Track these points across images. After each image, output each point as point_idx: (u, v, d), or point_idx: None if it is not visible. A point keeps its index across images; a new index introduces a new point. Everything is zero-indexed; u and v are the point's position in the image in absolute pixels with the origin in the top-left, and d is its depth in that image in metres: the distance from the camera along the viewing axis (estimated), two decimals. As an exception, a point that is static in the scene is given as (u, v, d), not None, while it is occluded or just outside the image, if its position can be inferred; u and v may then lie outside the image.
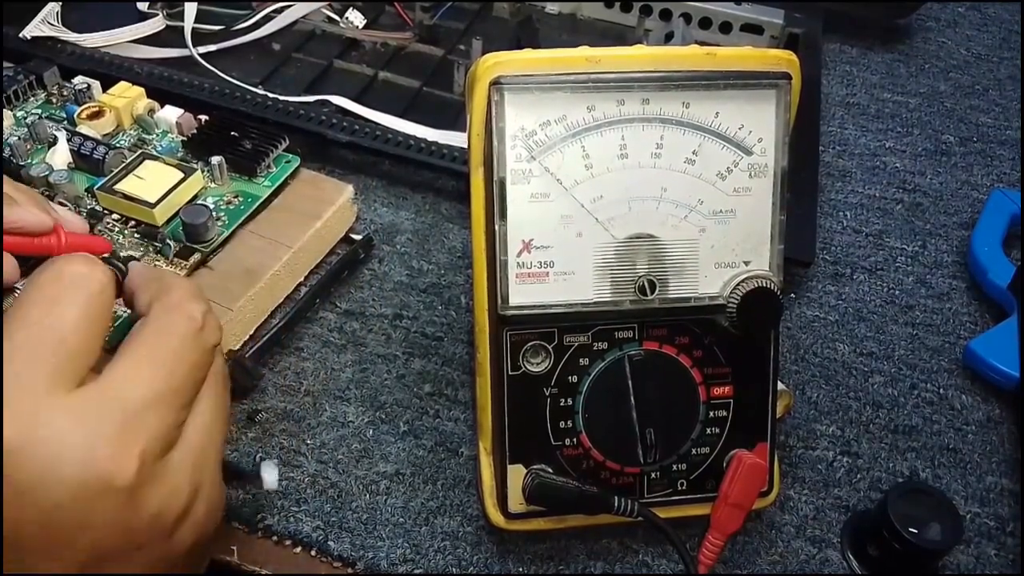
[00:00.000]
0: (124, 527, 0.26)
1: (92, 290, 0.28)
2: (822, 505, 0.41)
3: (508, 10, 0.66)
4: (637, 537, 0.39)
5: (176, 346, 0.28)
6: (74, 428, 0.25)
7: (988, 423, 0.45)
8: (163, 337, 0.29)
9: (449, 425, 0.43)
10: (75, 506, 0.25)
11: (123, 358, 0.28)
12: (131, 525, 0.27)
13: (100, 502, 0.26)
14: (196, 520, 0.29)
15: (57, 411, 0.26)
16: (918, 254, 0.53)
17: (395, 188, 0.54)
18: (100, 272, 0.29)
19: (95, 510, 0.26)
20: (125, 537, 0.27)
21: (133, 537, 0.27)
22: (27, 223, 0.35)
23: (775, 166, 0.35)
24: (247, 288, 0.44)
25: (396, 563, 0.38)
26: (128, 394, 0.27)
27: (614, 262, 0.35)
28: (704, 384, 0.36)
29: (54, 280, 0.28)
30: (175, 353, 0.28)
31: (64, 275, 0.28)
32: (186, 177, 0.46)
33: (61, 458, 0.25)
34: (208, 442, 0.30)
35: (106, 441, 0.26)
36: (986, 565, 0.39)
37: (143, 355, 0.28)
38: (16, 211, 0.35)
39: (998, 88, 0.67)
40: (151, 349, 0.28)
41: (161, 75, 0.56)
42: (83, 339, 0.27)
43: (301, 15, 0.64)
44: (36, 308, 0.27)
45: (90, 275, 0.28)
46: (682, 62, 0.34)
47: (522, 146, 0.34)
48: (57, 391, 0.26)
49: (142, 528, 0.27)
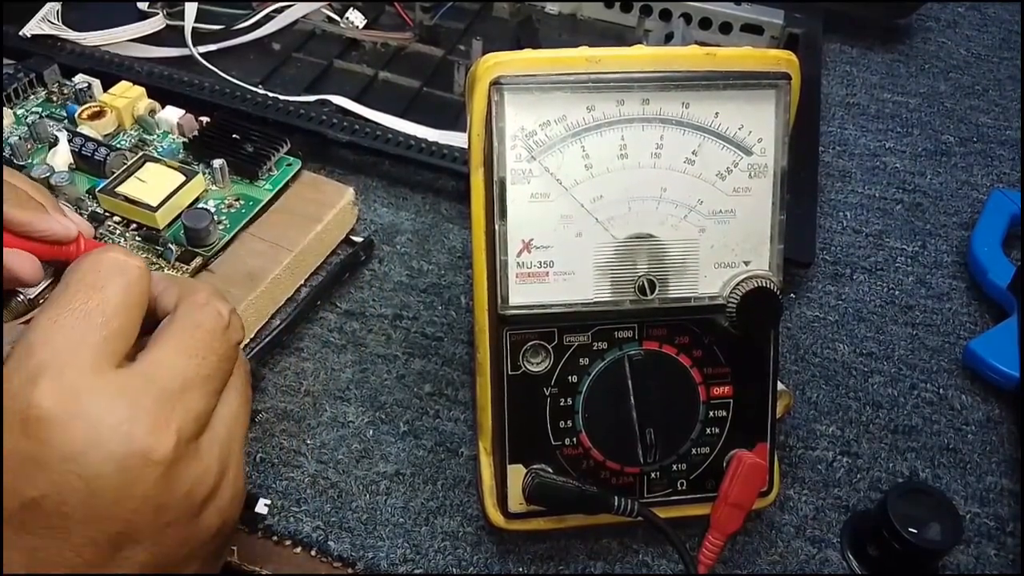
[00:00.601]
0: (158, 502, 0.28)
1: (131, 277, 0.30)
2: (822, 505, 0.41)
3: (508, 10, 0.66)
4: (637, 537, 0.39)
5: (207, 338, 0.30)
6: (117, 404, 0.27)
7: (988, 423, 0.45)
8: (195, 330, 0.30)
9: (449, 425, 0.43)
10: (116, 476, 0.27)
11: (157, 346, 0.30)
12: (164, 501, 0.28)
13: (139, 474, 0.27)
14: (221, 505, 0.30)
15: (101, 388, 0.27)
16: (918, 254, 0.53)
17: (395, 188, 0.54)
18: (138, 260, 0.31)
19: (134, 482, 0.27)
20: (157, 513, 0.28)
21: (165, 514, 0.28)
22: (56, 233, 0.37)
23: (775, 166, 0.35)
24: (248, 292, 0.44)
25: (396, 563, 0.38)
26: (165, 377, 0.29)
27: (614, 262, 0.35)
28: (704, 384, 0.36)
29: (95, 268, 0.30)
30: (206, 344, 0.30)
31: (104, 263, 0.30)
32: (188, 180, 0.46)
33: (104, 430, 0.27)
34: (235, 431, 0.31)
35: (146, 417, 0.27)
36: (986, 565, 0.39)
37: (176, 344, 0.30)
38: (46, 220, 0.37)
39: (998, 88, 0.67)
40: (183, 340, 0.30)
41: (161, 74, 0.56)
42: (123, 322, 0.29)
43: (301, 15, 0.64)
44: (81, 293, 0.29)
45: (128, 263, 0.30)
46: (682, 62, 0.34)
47: (522, 146, 0.34)
48: (101, 369, 0.28)
49: (174, 505, 0.28)
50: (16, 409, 0.26)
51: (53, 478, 0.26)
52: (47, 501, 0.26)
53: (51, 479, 0.26)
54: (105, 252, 0.30)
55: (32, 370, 0.27)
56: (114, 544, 0.27)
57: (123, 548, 0.28)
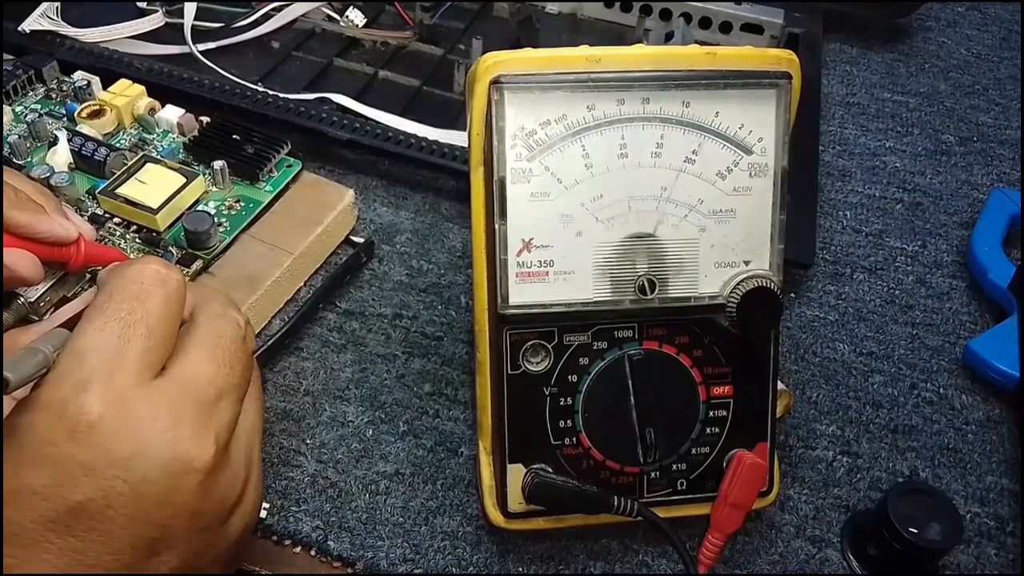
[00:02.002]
0: (194, 508, 0.29)
1: (171, 288, 0.31)
2: (822, 505, 0.41)
3: (508, 10, 0.66)
4: (637, 537, 0.39)
5: (231, 347, 0.31)
6: (161, 412, 0.28)
7: (988, 423, 0.45)
8: (220, 339, 0.31)
9: (449, 425, 0.43)
10: (161, 483, 0.28)
11: (186, 356, 0.30)
12: (200, 507, 0.29)
13: (182, 480, 0.28)
14: (246, 510, 0.31)
15: (147, 396, 0.28)
16: (918, 254, 0.53)
17: (395, 188, 0.54)
18: (177, 273, 0.31)
19: (177, 488, 0.28)
20: (193, 519, 0.29)
21: (199, 519, 0.29)
22: (57, 235, 0.37)
23: (775, 166, 0.35)
24: (249, 295, 0.44)
25: (396, 563, 0.38)
26: (200, 386, 0.29)
27: (614, 261, 0.35)
28: (704, 384, 0.36)
29: (139, 279, 0.30)
30: (231, 354, 0.31)
31: (147, 274, 0.31)
32: (188, 182, 0.46)
33: (152, 437, 0.28)
34: (254, 438, 0.32)
35: (189, 425, 0.28)
36: (986, 565, 0.39)
37: (206, 354, 0.30)
38: (47, 222, 0.37)
39: (998, 88, 0.67)
40: (211, 349, 0.31)
41: (161, 71, 0.56)
42: (164, 332, 0.30)
43: (301, 13, 0.64)
44: (127, 303, 0.30)
45: (169, 275, 0.31)
46: (682, 62, 0.34)
47: (522, 145, 0.34)
48: (145, 377, 0.28)
49: (208, 511, 0.29)
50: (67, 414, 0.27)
51: (100, 483, 0.27)
52: (93, 505, 0.27)
53: (98, 484, 0.27)
54: (148, 263, 0.31)
55: (83, 376, 0.27)
56: (151, 548, 0.28)
57: (159, 553, 0.28)
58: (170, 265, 0.32)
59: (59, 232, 0.37)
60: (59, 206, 0.39)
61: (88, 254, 0.39)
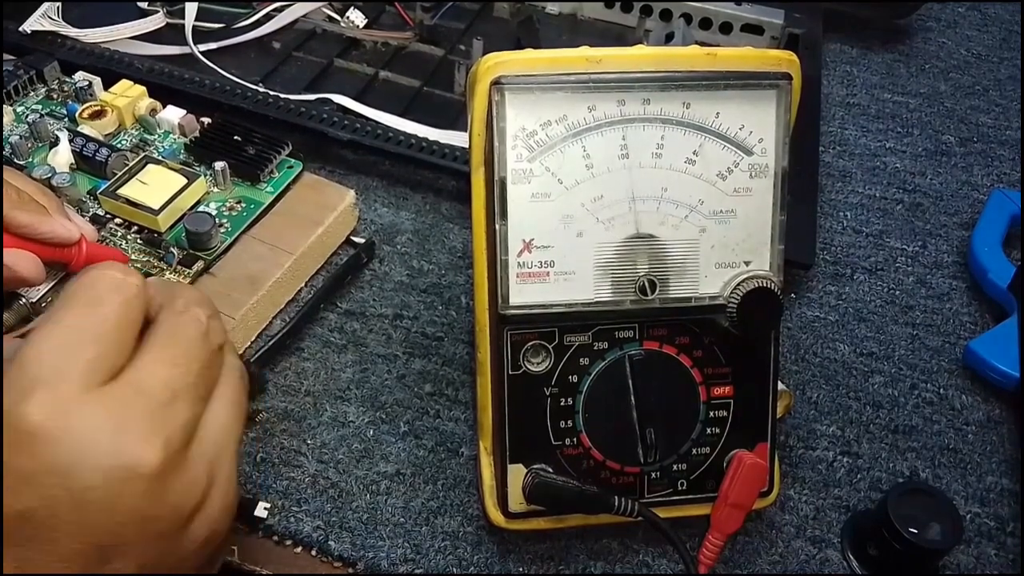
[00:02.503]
0: (145, 514, 0.28)
1: (128, 295, 0.30)
2: (822, 505, 0.41)
3: (508, 10, 0.66)
4: (637, 537, 0.39)
5: (187, 345, 0.30)
6: (105, 418, 0.28)
7: (988, 423, 0.45)
8: (174, 338, 0.30)
9: (449, 425, 0.43)
10: (103, 489, 0.27)
11: (140, 358, 0.30)
12: (152, 513, 0.28)
13: (126, 486, 0.27)
14: (210, 515, 0.30)
15: (91, 403, 0.28)
16: (918, 254, 0.54)
17: (395, 188, 0.54)
18: (135, 278, 0.31)
19: (121, 495, 0.27)
20: (145, 524, 0.28)
21: (152, 525, 0.28)
22: (59, 236, 0.37)
23: (775, 166, 0.35)
24: (250, 296, 0.44)
25: (396, 563, 0.38)
26: (150, 389, 0.29)
27: (614, 262, 0.35)
28: (704, 384, 0.36)
29: (93, 286, 0.30)
30: (186, 352, 0.30)
31: (102, 281, 0.30)
32: (189, 183, 0.46)
33: (93, 444, 0.27)
34: (224, 439, 0.31)
35: (134, 430, 0.28)
36: (986, 565, 0.39)
37: (158, 355, 0.30)
38: (48, 222, 0.37)
39: (998, 88, 0.67)
40: (165, 349, 0.30)
41: (162, 71, 0.56)
42: (117, 339, 0.29)
43: (301, 14, 0.64)
44: (76, 310, 0.29)
45: (125, 281, 0.30)
46: (682, 62, 0.34)
47: (523, 146, 0.34)
48: (92, 385, 0.28)
49: (161, 516, 0.29)
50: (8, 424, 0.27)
51: (41, 492, 0.27)
52: (36, 514, 0.27)
53: (39, 493, 0.27)
54: (104, 269, 0.30)
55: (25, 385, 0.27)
56: (102, 555, 0.28)
57: (111, 559, 0.28)
58: (128, 270, 0.31)
59: (61, 233, 0.37)
60: (61, 207, 0.39)
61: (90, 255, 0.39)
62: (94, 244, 0.40)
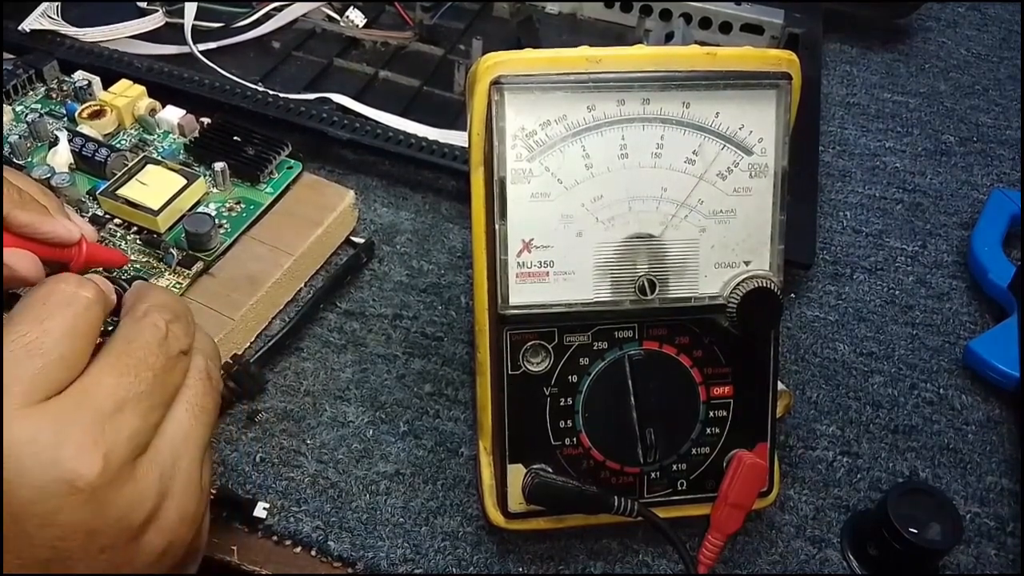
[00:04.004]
0: (89, 527, 0.28)
1: (78, 308, 0.30)
2: (822, 505, 0.41)
3: (508, 10, 0.66)
4: (637, 537, 0.39)
5: (140, 354, 0.30)
6: (43, 433, 0.27)
7: (988, 423, 0.45)
8: (128, 345, 0.30)
9: (449, 425, 0.43)
10: (41, 504, 0.27)
11: (92, 368, 0.29)
12: (94, 526, 0.28)
13: (64, 501, 0.27)
14: (165, 526, 0.30)
15: (30, 419, 0.27)
16: (918, 254, 0.54)
17: (395, 188, 0.54)
18: (87, 291, 0.30)
19: (59, 509, 0.27)
20: (88, 537, 0.28)
21: (97, 538, 0.28)
22: (60, 236, 0.37)
23: (775, 166, 0.35)
24: (249, 296, 0.44)
25: (396, 563, 0.38)
26: (95, 400, 0.28)
27: (614, 262, 0.35)
28: (704, 384, 0.36)
29: (42, 301, 0.30)
30: (139, 360, 0.30)
31: (53, 295, 0.30)
32: (189, 183, 0.46)
33: (30, 460, 0.27)
34: (181, 449, 0.30)
35: (72, 444, 0.27)
36: (986, 565, 0.39)
37: (109, 363, 0.29)
38: (49, 222, 0.36)
39: (998, 88, 0.67)
40: (116, 357, 0.30)
41: (161, 70, 0.56)
42: (65, 352, 0.29)
43: (301, 14, 0.64)
44: (24, 325, 0.29)
45: (77, 293, 0.30)
46: (682, 62, 0.34)
47: (522, 146, 0.34)
48: (34, 399, 0.28)
49: (106, 529, 0.28)
50: None
51: None
52: None
53: None
54: (57, 283, 0.30)
55: None
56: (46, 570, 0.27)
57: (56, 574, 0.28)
58: (83, 282, 0.31)
59: (62, 233, 0.37)
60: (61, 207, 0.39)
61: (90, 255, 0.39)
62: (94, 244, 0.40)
